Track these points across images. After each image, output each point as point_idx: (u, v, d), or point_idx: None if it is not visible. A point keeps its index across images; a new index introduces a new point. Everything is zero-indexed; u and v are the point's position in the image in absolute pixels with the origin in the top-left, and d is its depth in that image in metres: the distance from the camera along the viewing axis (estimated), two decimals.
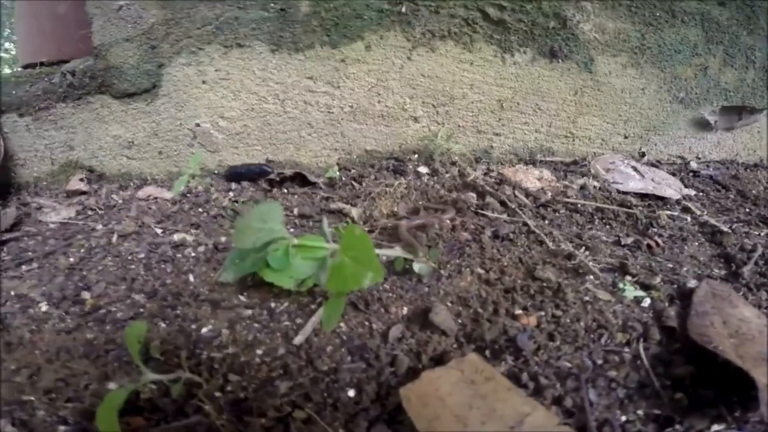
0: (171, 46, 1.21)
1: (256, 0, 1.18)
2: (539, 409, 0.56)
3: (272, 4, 1.18)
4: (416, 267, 0.82)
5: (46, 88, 1.26)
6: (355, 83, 1.28)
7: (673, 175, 1.40)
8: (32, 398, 0.61)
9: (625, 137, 1.49)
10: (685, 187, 1.33)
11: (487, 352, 0.67)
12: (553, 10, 1.28)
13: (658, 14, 1.34)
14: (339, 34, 1.22)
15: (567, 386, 0.62)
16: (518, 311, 0.75)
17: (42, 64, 1.41)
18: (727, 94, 1.49)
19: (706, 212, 1.16)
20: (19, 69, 1.53)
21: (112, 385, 0.63)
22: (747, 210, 1.21)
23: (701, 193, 1.31)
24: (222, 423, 0.54)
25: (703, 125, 1.52)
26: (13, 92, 1.27)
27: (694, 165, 1.52)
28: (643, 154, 1.51)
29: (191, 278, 0.86)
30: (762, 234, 1.06)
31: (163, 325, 0.75)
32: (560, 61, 1.34)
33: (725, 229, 1.06)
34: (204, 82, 1.24)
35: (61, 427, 0.57)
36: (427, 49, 1.27)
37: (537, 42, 1.31)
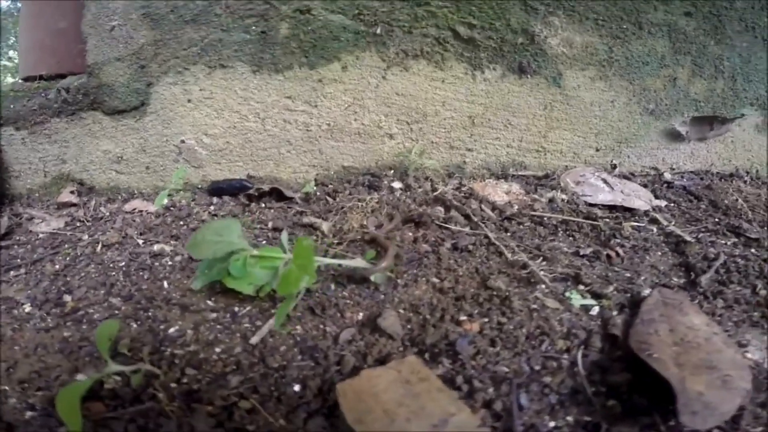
0: (159, 66, 1.28)
1: (239, 23, 1.26)
2: (464, 410, 0.60)
3: (254, 27, 1.26)
4: (373, 276, 0.88)
5: (42, 103, 1.34)
6: (332, 102, 1.35)
7: (645, 186, 1.42)
8: (6, 388, 0.67)
9: (597, 150, 1.52)
10: (657, 198, 1.35)
11: (427, 355, 0.72)
12: (521, 26, 1.33)
13: (625, 26, 1.37)
14: (317, 55, 1.29)
15: (500, 390, 0.65)
16: (463, 318, 0.79)
17: (41, 77, 1.48)
18: (697, 104, 1.51)
19: (673, 222, 1.18)
20: (20, 81, 1.61)
21: (80, 377, 0.69)
22: (716, 220, 1.22)
23: (672, 204, 1.32)
24: (171, 409, 0.60)
25: (675, 136, 1.54)
26: (11, 106, 1.35)
27: (667, 176, 1.53)
28: (614, 167, 1.53)
29: (165, 284, 0.93)
30: (728, 243, 1.08)
31: (134, 325, 0.81)
32: (529, 76, 1.39)
33: (689, 238, 1.08)
34: (189, 101, 1.31)
35: (29, 413, 0.63)
36: (401, 68, 1.34)
37: (506, 58, 1.37)
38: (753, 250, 1.04)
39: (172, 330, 0.79)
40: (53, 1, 1.52)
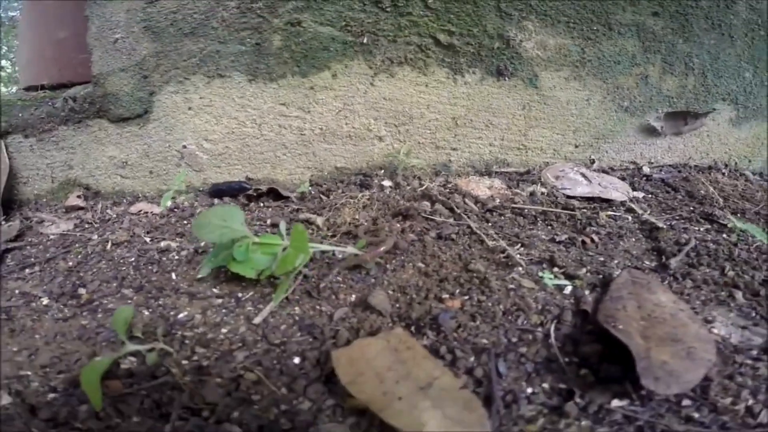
0: (161, 76, 1.37)
1: (234, 36, 1.34)
2: (447, 374, 0.65)
3: (248, 39, 1.34)
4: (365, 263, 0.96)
5: (49, 112, 1.42)
6: (324, 108, 1.43)
7: (624, 179, 1.48)
8: (29, 373, 0.72)
9: (576, 146, 1.59)
10: (635, 190, 1.42)
11: (413, 329, 0.80)
12: (497, 31, 1.41)
13: (595, 28, 1.45)
14: (308, 64, 1.38)
15: (481, 360, 0.71)
16: (445, 296, 0.87)
17: (43, 87, 1.55)
18: (670, 100, 1.58)
19: (649, 211, 1.23)
20: (21, 91, 1.67)
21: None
22: (691, 208, 1.29)
23: (650, 195, 1.38)
24: (184, 382, 0.67)
25: (651, 131, 1.60)
26: (20, 115, 1.42)
27: (646, 170, 1.59)
28: (593, 161, 1.60)
29: (173, 276, 1.00)
30: (701, 229, 1.15)
31: (146, 312, 0.88)
32: (507, 78, 1.47)
33: (662, 225, 1.14)
34: (190, 109, 1.39)
35: (51, 394, 0.68)
36: (387, 75, 1.42)
37: (484, 62, 1.45)
38: (724, 236, 1.10)
39: (181, 315, 0.86)
40: (53, 11, 1.59)
